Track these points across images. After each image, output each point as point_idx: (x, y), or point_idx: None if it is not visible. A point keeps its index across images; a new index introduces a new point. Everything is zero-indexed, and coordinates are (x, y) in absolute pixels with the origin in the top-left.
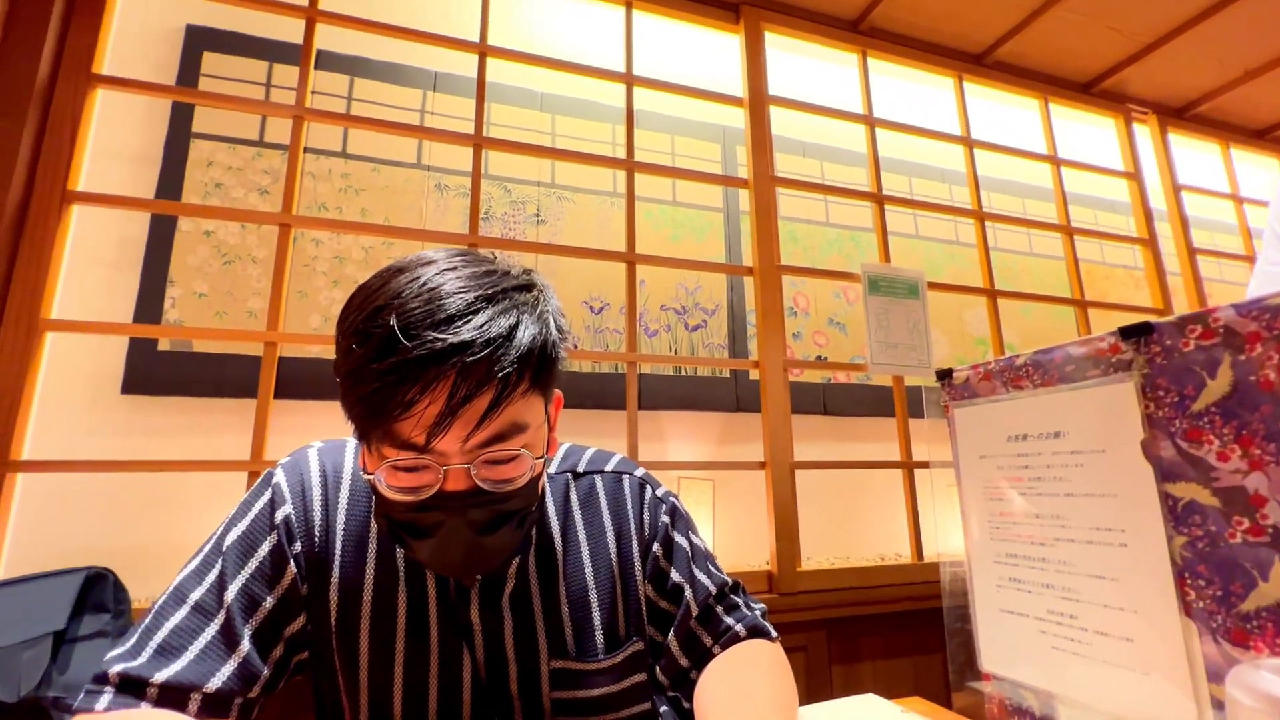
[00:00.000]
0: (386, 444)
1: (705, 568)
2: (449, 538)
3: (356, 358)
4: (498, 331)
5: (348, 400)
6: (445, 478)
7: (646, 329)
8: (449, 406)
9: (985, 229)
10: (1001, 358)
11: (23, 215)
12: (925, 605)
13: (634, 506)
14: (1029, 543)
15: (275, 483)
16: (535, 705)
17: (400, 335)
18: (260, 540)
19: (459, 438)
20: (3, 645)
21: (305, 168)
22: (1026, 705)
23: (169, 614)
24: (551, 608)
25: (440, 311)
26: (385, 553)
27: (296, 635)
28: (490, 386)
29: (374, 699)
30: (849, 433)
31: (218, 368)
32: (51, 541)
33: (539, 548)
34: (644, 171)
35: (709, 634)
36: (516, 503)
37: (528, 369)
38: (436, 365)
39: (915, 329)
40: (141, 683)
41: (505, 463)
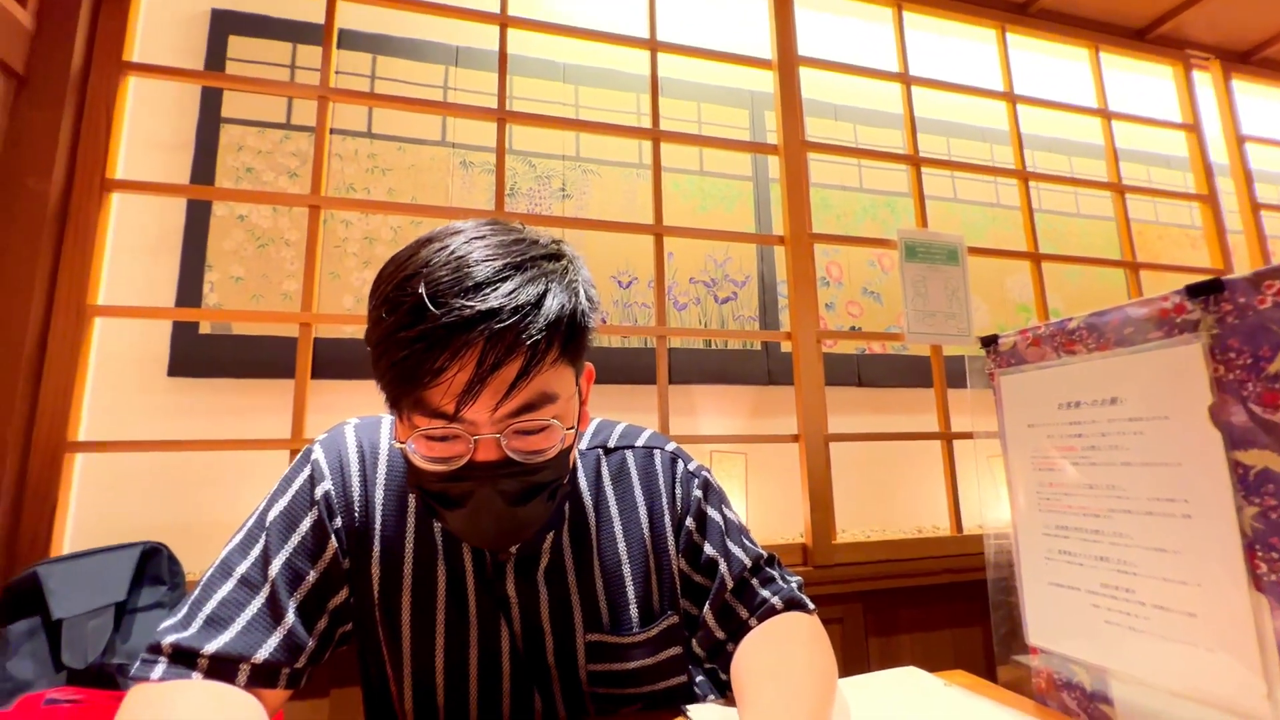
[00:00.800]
0: (418, 413)
1: (739, 541)
2: (480, 508)
3: (387, 326)
4: (526, 299)
5: (379, 368)
6: (475, 448)
7: (675, 302)
8: (477, 374)
9: (1029, 189)
10: (1052, 321)
11: (65, 204)
12: (965, 578)
13: (666, 481)
14: (1081, 514)
15: (314, 459)
16: (572, 677)
17: (428, 303)
18: (302, 516)
19: (488, 406)
20: (71, 615)
21: (332, 149)
22: (1077, 680)
23: (216, 587)
24: (586, 582)
25: (468, 279)
26: (423, 527)
27: (340, 608)
28: (519, 354)
29: (417, 669)
30: (884, 404)
31: (256, 349)
32: (108, 518)
33: (572, 523)
34: (670, 141)
35: (744, 607)
36: (547, 474)
37: (557, 337)
38: (465, 332)
39: (954, 296)
40: (193, 653)
41: (535, 433)
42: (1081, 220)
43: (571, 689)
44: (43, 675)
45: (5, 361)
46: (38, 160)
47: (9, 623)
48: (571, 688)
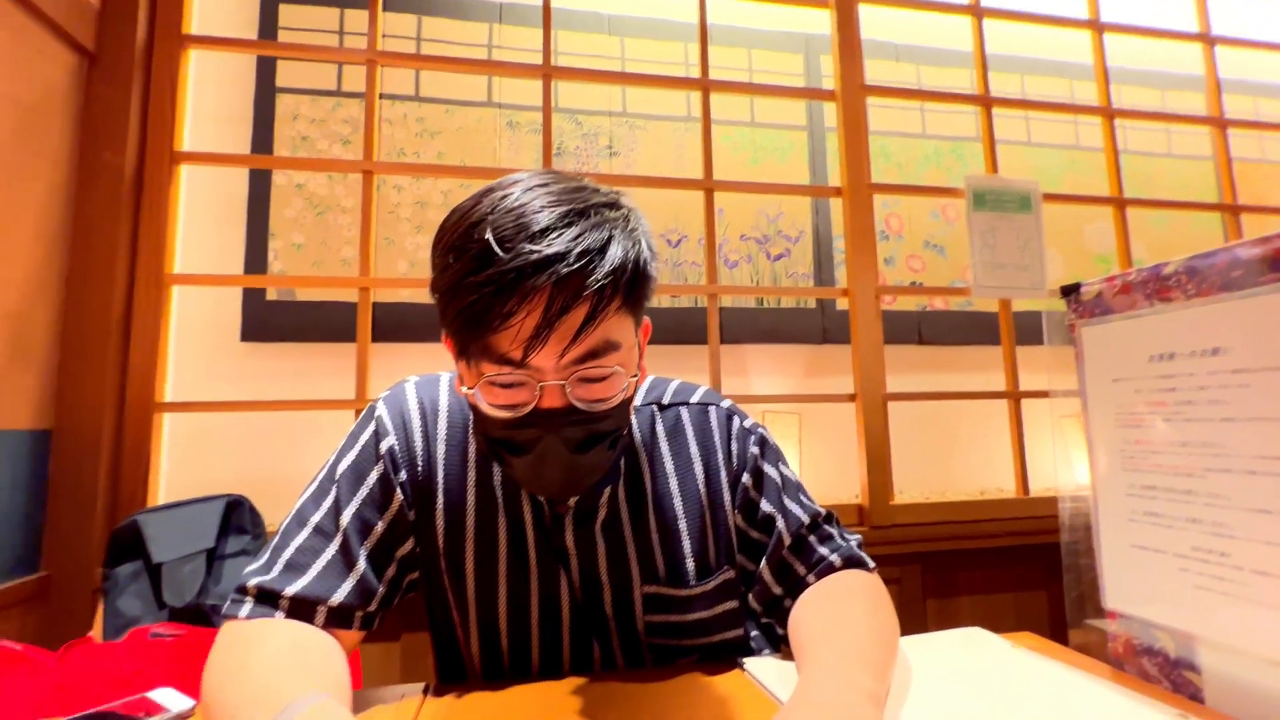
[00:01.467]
0: (485, 359)
1: (797, 498)
2: (545, 455)
3: (454, 272)
4: (590, 244)
5: (447, 315)
6: (541, 394)
7: (726, 260)
8: (545, 319)
9: (1114, 128)
10: (1144, 267)
11: (139, 177)
12: (1030, 541)
13: (721, 438)
14: (1172, 474)
15: (378, 415)
16: (630, 628)
17: (496, 247)
18: (368, 469)
19: (555, 353)
20: (169, 560)
21: (382, 114)
22: (1159, 646)
23: (294, 535)
24: (642, 535)
25: (533, 224)
26: (484, 480)
27: (407, 557)
28: (585, 300)
29: (481, 617)
30: (947, 363)
31: (319, 314)
32: (193, 473)
33: (628, 478)
34: (720, 91)
35: (802, 563)
36: (609, 423)
37: (621, 284)
38: (533, 277)
39: (1027, 247)
40: (275, 594)
41: (599, 381)
42: (1174, 161)
43: (629, 640)
44: (147, 612)
45: (98, 329)
46: (112, 135)
47: (115, 565)
48: (629, 638)
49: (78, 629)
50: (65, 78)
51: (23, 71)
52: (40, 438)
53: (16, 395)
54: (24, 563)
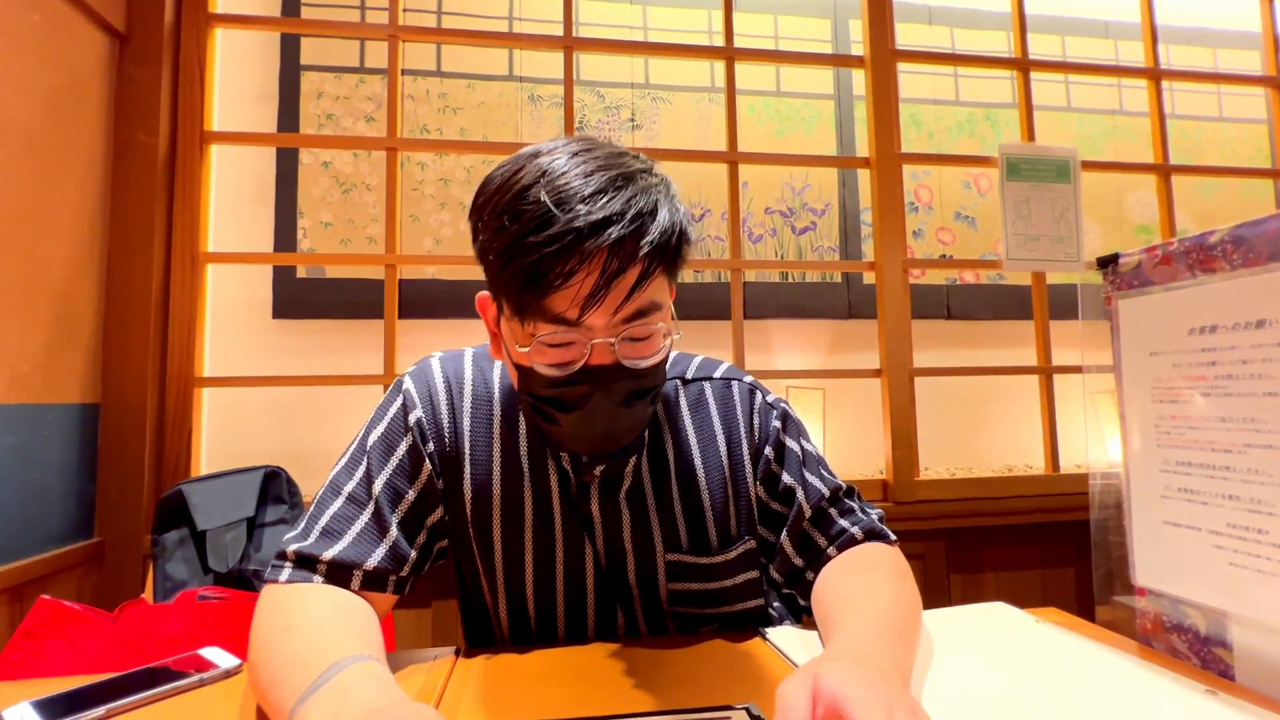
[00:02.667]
0: (540, 319)
1: (818, 472)
2: (594, 410)
3: (511, 233)
4: (642, 208)
5: (503, 277)
6: (591, 352)
7: (750, 234)
8: (602, 279)
9: (1161, 90)
10: (1187, 236)
11: (172, 157)
12: (1058, 518)
13: (744, 412)
14: (1209, 449)
15: (405, 389)
16: (653, 595)
17: (554, 208)
18: (398, 441)
19: (608, 312)
20: (212, 527)
21: (404, 90)
22: (1189, 623)
23: (329, 504)
24: (665, 505)
25: (586, 187)
26: (510, 451)
27: (436, 524)
28: (637, 262)
29: (509, 584)
30: (975, 338)
31: (348, 291)
32: (231, 445)
33: (651, 449)
34: (745, 59)
35: (823, 535)
36: (650, 380)
37: (667, 247)
38: (590, 238)
39: (1063, 218)
40: (313, 559)
41: (644, 339)
42: (1223, 126)
43: (652, 607)
44: (194, 577)
45: (138, 307)
46: (144, 116)
47: (163, 532)
48: (652, 606)
49: (130, 591)
50: (97, 59)
51: (57, 53)
52: (89, 411)
53: (66, 371)
54: (79, 529)
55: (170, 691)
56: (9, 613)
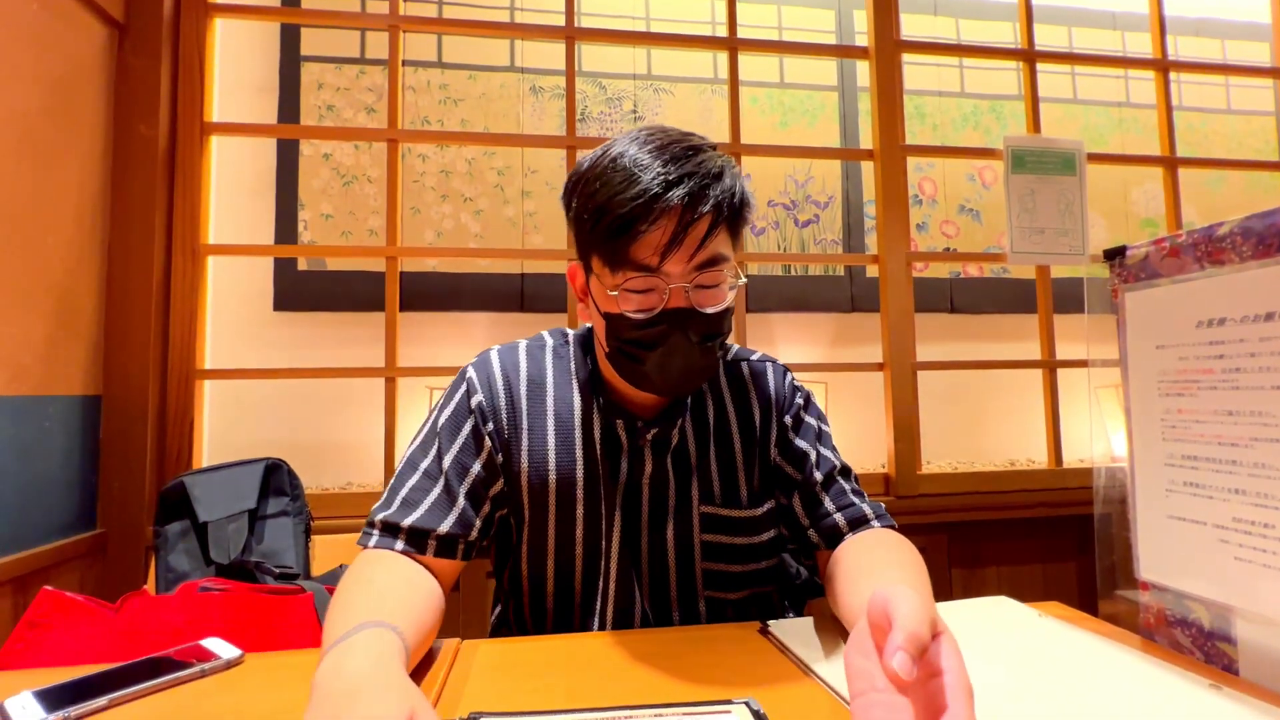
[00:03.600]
0: (626, 267)
1: (831, 447)
2: (674, 348)
3: (603, 195)
4: (711, 169)
5: (597, 231)
6: (669, 297)
7: (753, 227)
8: (680, 227)
9: (1169, 82)
10: (1195, 228)
11: (172, 148)
12: (1060, 512)
13: (776, 388)
14: (1215, 443)
15: (468, 378)
16: (688, 549)
17: (638, 172)
18: (463, 422)
19: (684, 259)
20: (214, 519)
21: (405, 81)
22: (1193, 617)
23: (407, 478)
24: (704, 462)
25: (664, 153)
26: (563, 426)
27: (498, 495)
28: (707, 215)
29: (559, 546)
30: (978, 331)
31: (349, 284)
32: (232, 437)
33: (694, 414)
34: (748, 50)
35: (831, 501)
36: (719, 324)
37: (734, 205)
38: (670, 191)
39: (1068, 211)
40: (395, 526)
41: (713, 288)
42: (1232, 118)
43: (686, 560)
44: (196, 568)
45: (139, 299)
46: (144, 107)
47: (165, 524)
48: (686, 560)
49: (133, 583)
50: (96, 50)
51: (55, 44)
52: (91, 403)
53: (67, 363)
54: (82, 521)
55: (173, 681)
56: (12, 604)
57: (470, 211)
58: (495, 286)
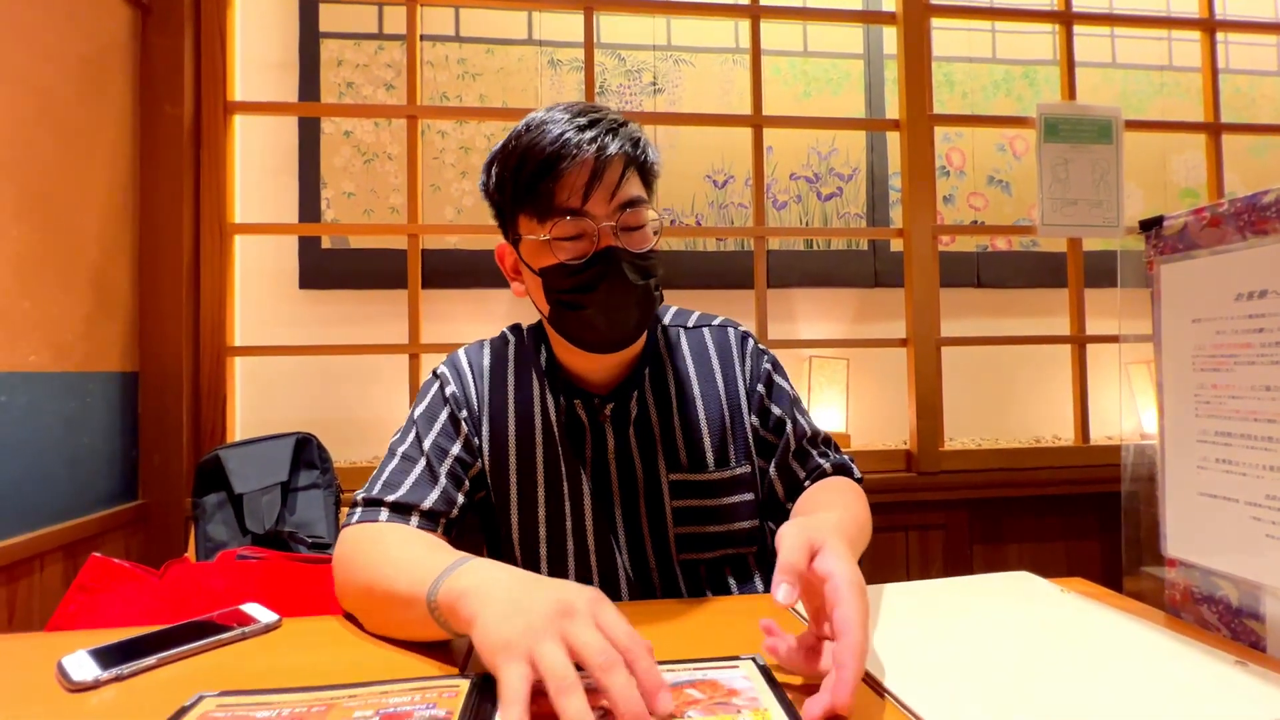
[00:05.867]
0: (551, 216)
1: (803, 412)
2: (612, 286)
3: (520, 148)
4: (615, 121)
5: (520, 180)
6: (599, 238)
7: (775, 201)
8: (597, 165)
9: (1215, 43)
10: (1238, 197)
11: (197, 128)
12: (1085, 490)
13: (739, 354)
14: (1252, 419)
15: (440, 373)
16: (659, 515)
17: (551, 126)
18: (439, 410)
19: (604, 198)
20: (249, 491)
21: (423, 56)
22: (1220, 594)
23: (388, 464)
24: (668, 431)
25: (568, 114)
26: (523, 408)
27: (477, 476)
28: (619, 156)
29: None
30: (1006, 306)
31: (371, 261)
32: (262, 412)
33: (654, 384)
34: (771, 17)
35: (802, 469)
36: (651, 265)
37: (638, 147)
38: (579, 137)
39: (1103, 181)
40: (379, 501)
41: (637, 229)
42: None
43: (659, 532)
44: (233, 538)
45: (171, 278)
46: (169, 87)
47: (203, 495)
48: (659, 531)
49: (174, 551)
50: (122, 30)
51: (83, 24)
52: (129, 379)
53: (105, 340)
54: (124, 492)
55: (215, 643)
56: (62, 569)
57: None
58: None
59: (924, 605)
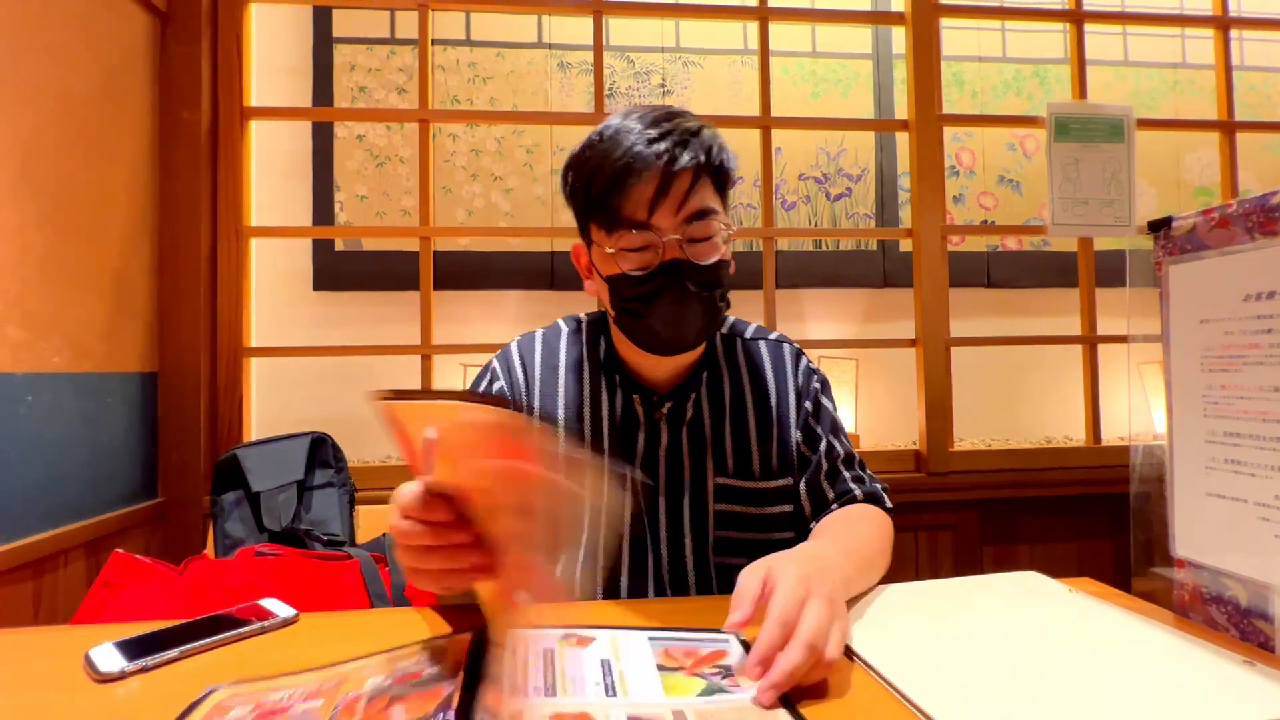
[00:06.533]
0: (619, 227)
1: (843, 435)
2: (675, 298)
3: (592, 162)
4: (688, 128)
5: (591, 193)
6: (664, 251)
7: (783, 202)
8: (663, 181)
9: (1229, 40)
10: (1246, 198)
11: (214, 133)
12: (1096, 490)
13: (791, 370)
14: (1260, 420)
15: (492, 368)
16: (702, 516)
17: (620, 139)
18: None
19: (671, 211)
20: (265, 489)
21: (434, 60)
22: (1229, 595)
23: None
24: (719, 436)
25: (643, 123)
26: (572, 401)
27: None
28: (688, 169)
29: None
30: (1017, 306)
31: (384, 263)
32: (278, 412)
33: (710, 389)
34: (779, 19)
35: (832, 489)
36: (715, 274)
37: (710, 156)
38: (650, 149)
39: (1115, 180)
40: None
41: (705, 240)
42: None
43: (700, 529)
44: (250, 535)
45: (189, 280)
46: (187, 93)
47: (221, 493)
48: (700, 528)
49: (193, 547)
50: (141, 38)
51: (104, 33)
52: (148, 379)
53: (125, 341)
54: (145, 490)
55: (235, 637)
56: (85, 565)
57: (500, 190)
58: (526, 264)
59: (930, 603)
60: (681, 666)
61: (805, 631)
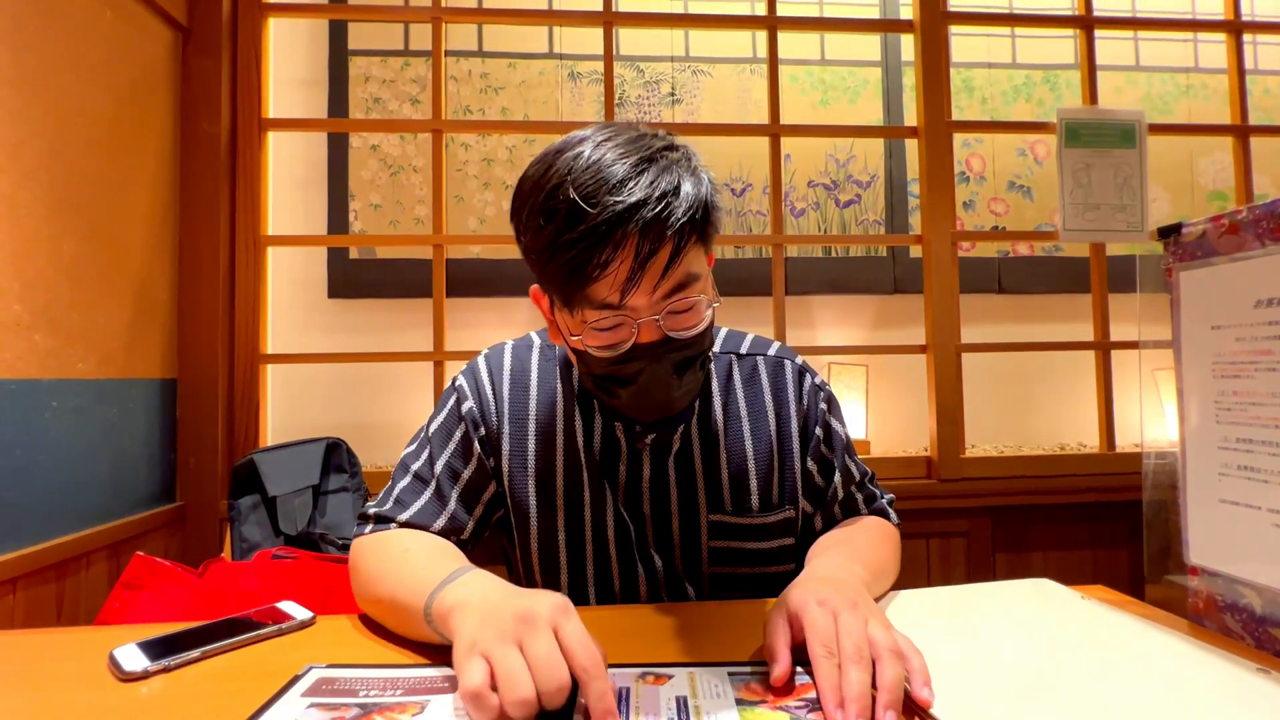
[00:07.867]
0: (587, 307)
1: (853, 457)
2: (650, 383)
3: (548, 233)
4: (666, 188)
5: (547, 272)
6: (639, 331)
7: (793, 208)
8: (636, 262)
9: (1241, 44)
10: (1258, 204)
11: (233, 144)
12: (1111, 497)
13: (794, 392)
14: (1272, 426)
15: (459, 385)
16: (695, 553)
17: (583, 205)
18: (454, 428)
19: (648, 291)
20: (282, 494)
21: (447, 71)
22: (1244, 602)
23: (400, 479)
24: (712, 469)
25: (611, 177)
26: (545, 426)
27: (491, 499)
28: (668, 241)
29: (542, 543)
30: (1028, 312)
31: (397, 271)
32: (294, 418)
33: (701, 417)
34: (788, 28)
35: (843, 514)
36: (697, 348)
37: (697, 221)
38: (622, 225)
39: (1126, 185)
40: (389, 518)
41: (686, 311)
42: None
43: (693, 566)
44: (267, 538)
45: (208, 288)
46: (208, 106)
47: (238, 497)
48: (693, 564)
49: (211, 551)
50: (163, 52)
51: (128, 49)
52: (168, 386)
53: (147, 349)
54: (164, 494)
55: (254, 639)
56: (106, 568)
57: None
58: None
59: (942, 610)
60: (764, 700)
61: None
